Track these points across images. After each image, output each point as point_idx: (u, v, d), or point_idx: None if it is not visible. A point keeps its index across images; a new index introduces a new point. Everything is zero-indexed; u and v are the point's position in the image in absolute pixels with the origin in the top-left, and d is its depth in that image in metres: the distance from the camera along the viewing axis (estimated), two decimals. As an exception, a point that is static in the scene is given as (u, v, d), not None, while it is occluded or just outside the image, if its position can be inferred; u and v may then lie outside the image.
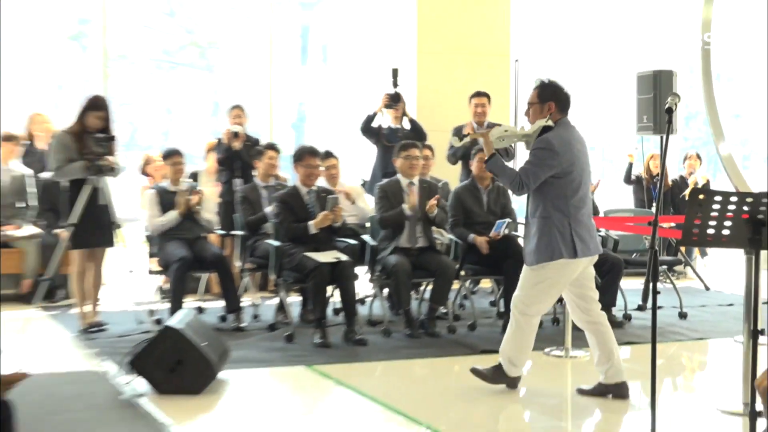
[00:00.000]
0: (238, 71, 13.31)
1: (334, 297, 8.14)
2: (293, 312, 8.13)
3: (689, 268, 11.14)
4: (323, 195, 8.03)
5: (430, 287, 8.27)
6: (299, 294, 8.60)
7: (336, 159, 9.26)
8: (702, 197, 4.46)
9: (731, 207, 4.38)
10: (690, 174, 11.89)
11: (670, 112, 4.67)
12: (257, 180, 8.90)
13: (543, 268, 5.85)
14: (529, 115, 6.03)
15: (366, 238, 8.45)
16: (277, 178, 9.14)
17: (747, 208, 4.34)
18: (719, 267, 11.88)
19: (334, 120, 13.52)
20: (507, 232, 8.27)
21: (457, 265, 8.27)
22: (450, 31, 11.79)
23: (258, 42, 12.52)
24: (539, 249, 5.82)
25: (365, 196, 9.57)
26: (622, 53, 14.65)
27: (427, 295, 8.39)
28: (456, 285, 8.43)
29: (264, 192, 8.71)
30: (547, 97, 5.93)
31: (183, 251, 8.14)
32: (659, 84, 9.96)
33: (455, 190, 8.72)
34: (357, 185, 9.78)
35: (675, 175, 12.22)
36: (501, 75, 11.89)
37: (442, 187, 8.87)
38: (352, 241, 8.22)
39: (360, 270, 8.24)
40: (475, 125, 9.76)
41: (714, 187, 10.49)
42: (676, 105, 4.73)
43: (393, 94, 9.53)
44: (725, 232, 4.43)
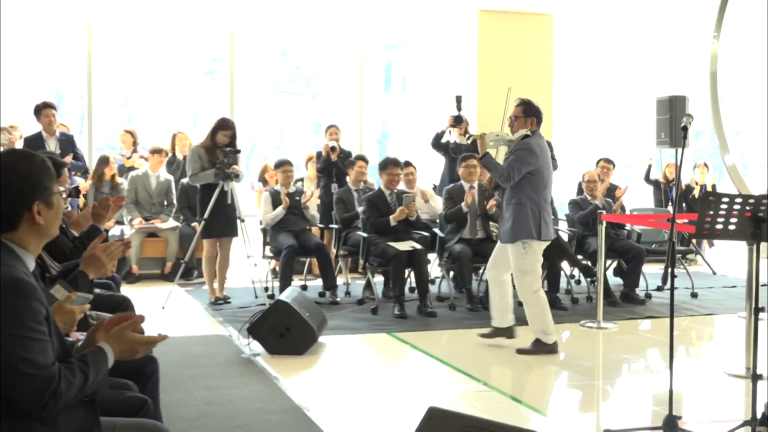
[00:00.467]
0: (335, 98, 13.31)
1: (410, 278, 8.08)
2: (378, 290, 8.07)
3: (699, 256, 10.94)
4: (402, 196, 7.98)
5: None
6: (382, 275, 8.55)
7: (414, 167, 9.19)
8: (712, 198, 4.33)
9: (736, 207, 4.26)
10: (696, 183, 11.66)
11: (685, 129, 4.50)
12: (350, 185, 8.87)
13: (525, 244, 6.02)
14: (513, 125, 6.16)
15: (436, 230, 8.38)
16: (366, 183, 9.09)
17: (749, 207, 4.23)
18: (724, 255, 11.56)
19: (411, 136, 13.43)
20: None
21: (509, 253, 8.14)
22: (504, 65, 11.70)
23: (351, 75, 12.51)
24: (514, 229, 6.02)
25: (436, 197, 9.49)
26: (642, 81, 14.35)
27: (485, 277, 8.28)
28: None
29: (355, 194, 8.68)
30: (531, 114, 6.11)
31: (291, 240, 8.14)
32: (674, 106, 9.70)
33: (508, 192, 8.61)
34: (429, 188, 9.70)
35: (687, 181, 11.97)
36: (544, 100, 11.73)
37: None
38: (425, 233, 8.15)
39: (431, 256, 8.19)
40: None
41: (721, 191, 10.23)
42: (690, 124, 4.56)
43: (456, 116, 9.44)
44: (731, 227, 4.30)
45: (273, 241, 8.40)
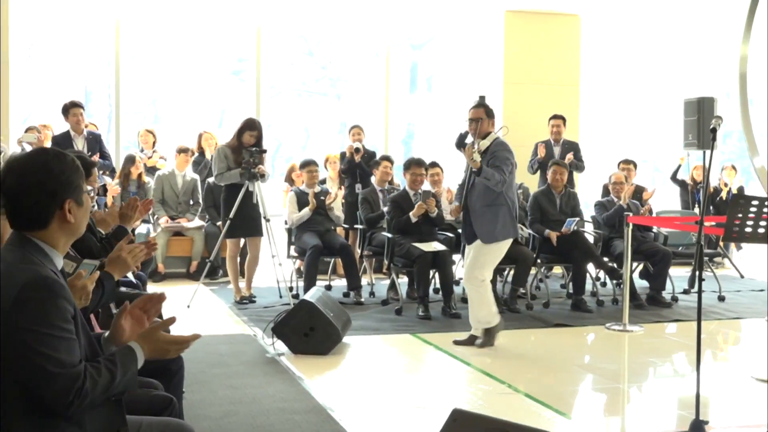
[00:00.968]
0: (360, 98, 13.32)
1: (434, 279, 8.06)
2: (402, 290, 8.07)
3: (727, 259, 10.82)
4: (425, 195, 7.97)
5: (512, 272, 8.14)
6: (407, 276, 8.54)
7: (440, 168, 9.14)
8: (741, 201, 4.28)
9: (766, 209, 4.19)
10: (725, 184, 11.52)
11: (714, 131, 4.45)
12: (375, 185, 8.86)
13: (496, 244, 6.08)
14: (478, 129, 6.09)
15: (461, 231, 8.34)
16: (392, 183, 9.09)
17: (779, 211, 4.16)
18: (752, 258, 11.44)
19: (436, 137, 13.42)
20: (576, 228, 8.11)
21: (534, 255, 8.12)
22: (530, 66, 11.66)
23: (376, 75, 12.51)
24: (496, 230, 6.04)
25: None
26: (670, 83, 14.24)
27: (510, 278, 8.26)
28: (533, 270, 8.29)
29: (380, 195, 8.68)
30: (491, 114, 6.16)
31: (315, 240, 8.15)
32: (702, 108, 9.60)
33: (534, 194, 8.62)
34: (455, 189, 9.66)
35: (714, 183, 11.85)
36: (571, 101, 11.70)
37: (522, 191, 8.72)
38: (450, 234, 8.13)
39: (456, 257, 8.16)
40: (552, 142, 9.81)
41: (749, 194, 10.13)
42: (719, 126, 4.51)
43: None
44: (761, 230, 4.25)
45: (298, 241, 8.42)
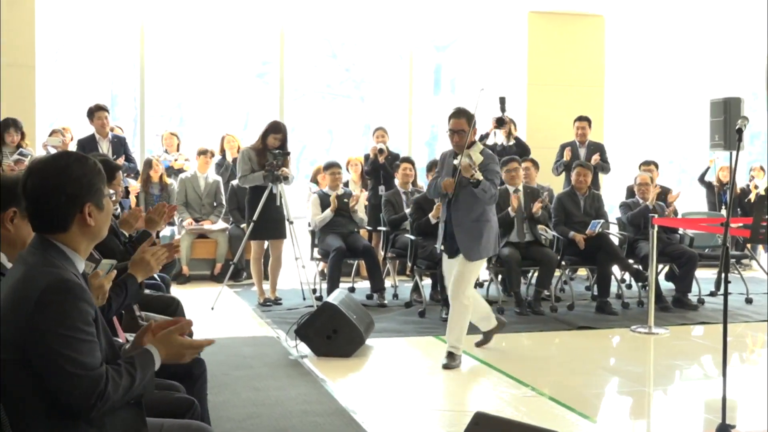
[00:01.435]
0: (384, 100, 13.31)
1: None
2: (425, 292, 8.03)
3: (754, 260, 10.69)
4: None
5: (536, 274, 8.11)
6: (430, 278, 8.51)
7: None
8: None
9: (793, 211, 4.12)
10: (755, 186, 11.39)
11: (740, 132, 4.39)
12: (398, 187, 8.85)
13: (480, 260, 5.85)
14: (461, 139, 5.62)
15: (440, 241, 8.29)
16: (415, 185, 9.07)
17: (808, 212, 4.09)
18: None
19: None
20: (600, 230, 8.05)
21: (559, 257, 8.07)
22: (554, 67, 11.60)
23: (400, 77, 12.50)
24: (481, 247, 5.73)
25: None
26: (695, 83, 14.10)
27: (534, 281, 8.22)
28: (557, 272, 8.23)
29: (403, 197, 8.66)
30: (472, 122, 5.66)
31: (339, 242, 8.15)
32: (729, 109, 9.49)
33: (558, 195, 8.57)
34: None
35: (742, 184, 11.74)
36: (596, 103, 11.63)
37: (548, 192, 8.68)
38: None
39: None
40: (578, 143, 9.77)
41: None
42: (745, 126, 4.45)
43: (499, 118, 9.39)
44: (788, 232, 4.18)
45: (321, 243, 8.42)
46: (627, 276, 8.92)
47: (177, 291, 7.76)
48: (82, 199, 2.39)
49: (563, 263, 8.27)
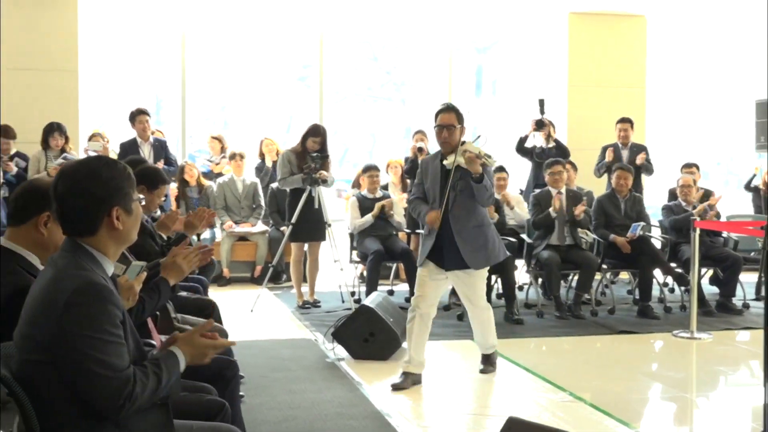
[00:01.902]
0: (425, 103, 13.27)
1: (497, 284, 7.96)
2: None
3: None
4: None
5: (576, 277, 8.01)
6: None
7: (506, 173, 8.92)
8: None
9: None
10: None
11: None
12: (437, 189, 8.78)
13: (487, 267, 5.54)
14: (451, 136, 5.22)
15: (524, 236, 8.24)
16: (454, 188, 8.99)
17: None
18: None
19: (500, 140, 13.32)
20: (641, 233, 7.92)
21: (599, 260, 7.96)
22: (595, 68, 11.49)
23: (441, 79, 12.46)
24: (491, 252, 5.42)
25: (523, 203, 9.33)
26: (740, 83, 13.85)
27: (574, 284, 8.12)
28: (598, 276, 8.12)
29: (442, 199, 8.60)
30: (462, 120, 5.29)
31: (377, 245, 8.12)
32: (775, 109, 9.33)
33: (598, 198, 8.46)
34: (516, 194, 9.53)
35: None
36: (637, 104, 11.48)
37: (587, 196, 8.57)
38: (512, 239, 8.02)
39: (519, 262, 8.07)
40: (620, 145, 9.60)
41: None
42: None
43: (538, 120, 9.30)
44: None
45: (360, 246, 8.41)
46: (670, 280, 8.77)
47: (217, 293, 7.83)
48: (110, 203, 2.40)
49: (604, 267, 8.16)
